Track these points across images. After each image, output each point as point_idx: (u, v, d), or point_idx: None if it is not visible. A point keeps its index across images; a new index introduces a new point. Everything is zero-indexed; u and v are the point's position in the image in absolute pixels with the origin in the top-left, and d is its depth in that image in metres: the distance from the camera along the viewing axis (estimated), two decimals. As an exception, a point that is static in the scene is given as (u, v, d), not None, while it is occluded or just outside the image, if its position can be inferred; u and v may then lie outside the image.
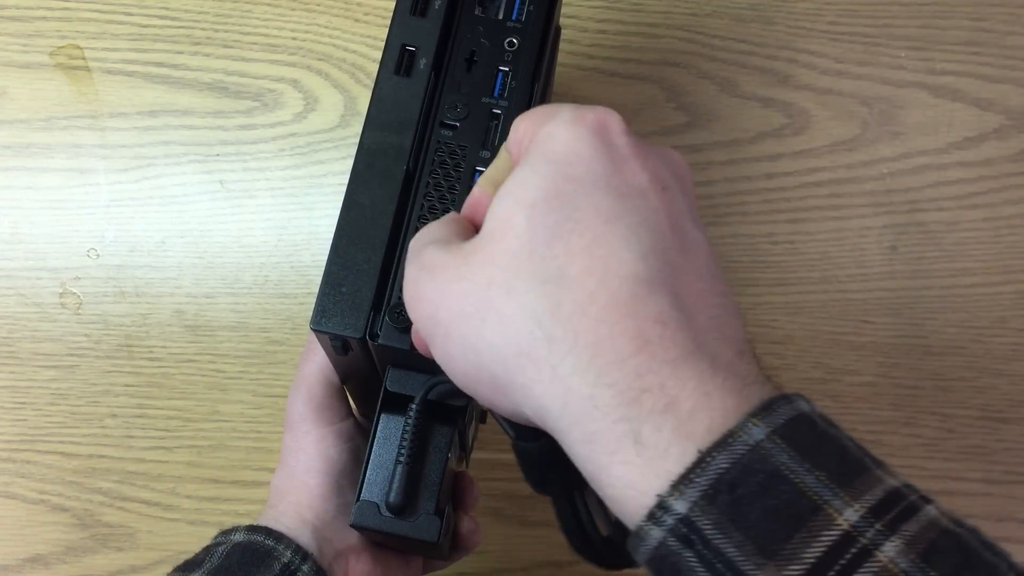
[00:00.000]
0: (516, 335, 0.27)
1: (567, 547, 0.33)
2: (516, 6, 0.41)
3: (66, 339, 0.62)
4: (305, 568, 0.41)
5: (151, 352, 0.62)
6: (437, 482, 0.39)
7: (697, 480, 0.24)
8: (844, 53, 0.63)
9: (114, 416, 0.62)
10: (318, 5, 0.63)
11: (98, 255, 0.62)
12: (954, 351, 0.63)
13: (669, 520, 0.24)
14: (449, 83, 0.40)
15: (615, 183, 0.28)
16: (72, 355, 0.62)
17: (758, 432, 0.24)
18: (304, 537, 0.42)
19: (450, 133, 0.40)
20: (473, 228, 0.32)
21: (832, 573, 0.22)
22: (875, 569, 0.22)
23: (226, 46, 0.63)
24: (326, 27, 0.62)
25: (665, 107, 0.63)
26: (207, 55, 0.62)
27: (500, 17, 0.41)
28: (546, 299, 0.26)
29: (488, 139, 0.39)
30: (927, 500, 0.25)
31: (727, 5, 0.63)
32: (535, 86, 0.40)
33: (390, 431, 0.40)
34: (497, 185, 0.29)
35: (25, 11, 0.63)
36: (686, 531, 0.24)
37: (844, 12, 0.63)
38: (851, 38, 0.63)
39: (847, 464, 0.24)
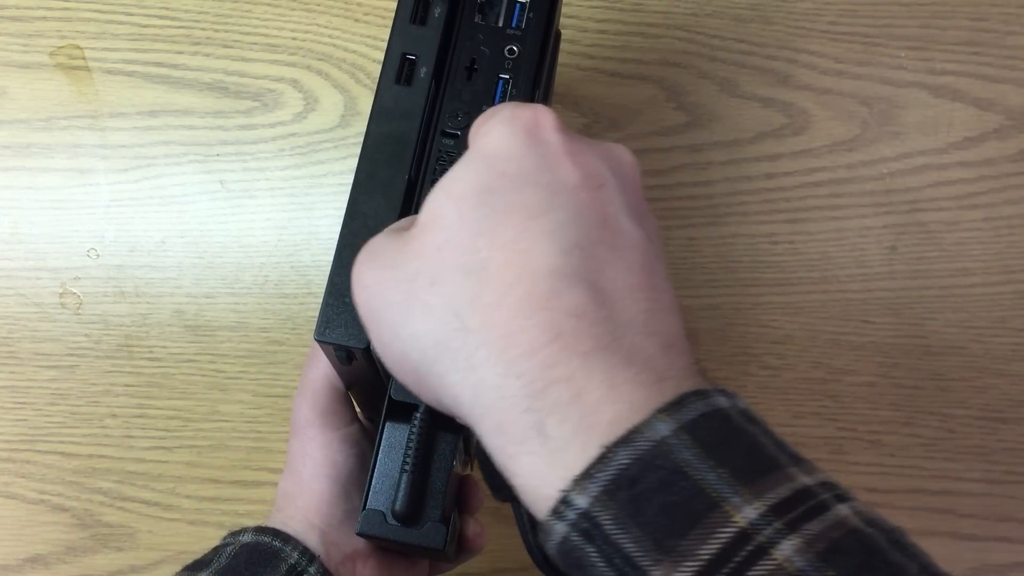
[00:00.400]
0: (436, 325, 0.27)
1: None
2: (516, 13, 0.41)
3: (66, 339, 0.62)
4: (312, 570, 0.41)
5: (151, 352, 0.62)
6: (442, 489, 0.39)
7: (598, 476, 0.24)
8: (844, 53, 0.63)
9: (114, 416, 0.62)
10: (318, 5, 0.63)
11: (98, 255, 0.62)
12: (954, 351, 0.63)
13: (571, 515, 0.24)
14: (450, 91, 0.40)
15: (545, 180, 0.28)
16: (72, 355, 0.62)
17: (664, 428, 0.24)
18: (311, 540, 0.42)
19: (451, 142, 0.40)
20: None
21: (727, 570, 0.22)
22: (770, 567, 0.22)
23: (226, 46, 0.63)
24: (326, 27, 0.62)
25: (665, 107, 0.63)
26: (207, 55, 0.62)
27: (500, 24, 0.41)
28: (467, 290, 0.27)
29: None
30: (843, 499, 0.24)
31: (727, 5, 0.63)
32: (536, 93, 0.40)
33: (395, 439, 0.40)
34: None
35: (25, 11, 0.63)
36: (587, 526, 0.24)
37: (844, 12, 0.63)
38: (851, 38, 0.63)
39: (755, 461, 0.24)
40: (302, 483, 0.44)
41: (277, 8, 0.63)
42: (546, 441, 0.25)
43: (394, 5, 0.42)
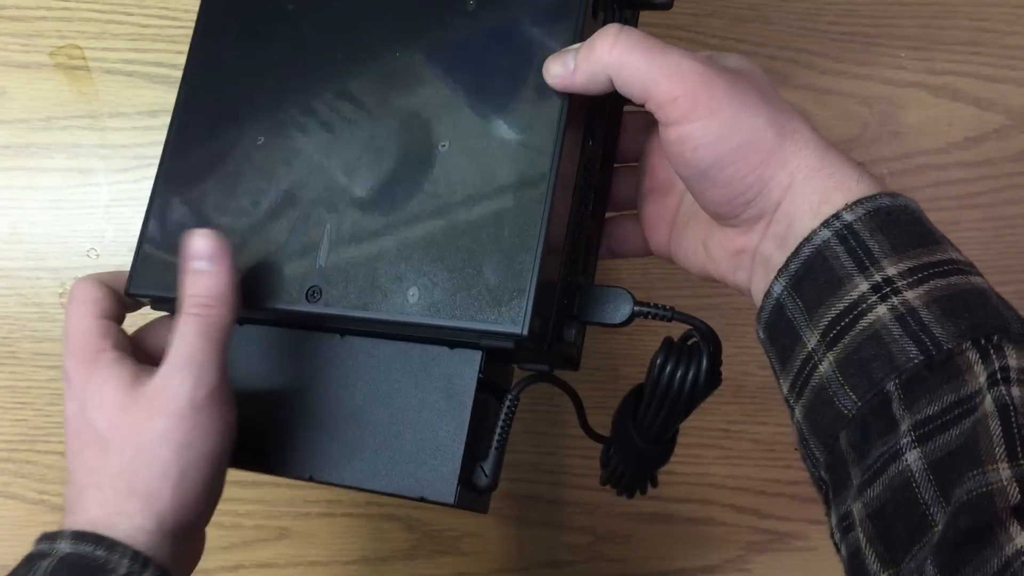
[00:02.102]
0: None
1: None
2: None
3: (66, 339, 0.62)
4: None
5: (151, 352, 0.62)
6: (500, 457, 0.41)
7: (865, 203, 0.35)
8: (844, 53, 0.63)
9: (114, 416, 0.62)
10: (318, 5, 0.63)
11: (98, 255, 0.62)
12: (954, 351, 0.63)
13: (836, 223, 0.35)
14: None
15: None
16: (72, 355, 0.62)
17: (905, 199, 0.36)
18: (143, 534, 0.38)
19: None
20: None
21: (928, 273, 0.34)
22: (958, 279, 0.34)
23: (226, 46, 0.63)
24: (326, 27, 0.63)
25: (665, 107, 0.63)
26: (207, 55, 0.62)
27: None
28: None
29: None
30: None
31: (727, 5, 0.63)
32: None
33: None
34: None
35: (25, 11, 0.63)
36: (846, 233, 0.35)
37: (844, 12, 0.63)
38: (851, 38, 0.63)
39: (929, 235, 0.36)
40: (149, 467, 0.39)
41: (277, 8, 0.63)
42: (844, 180, 0.36)
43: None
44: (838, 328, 0.34)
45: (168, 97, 0.62)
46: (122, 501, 0.38)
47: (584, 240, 0.42)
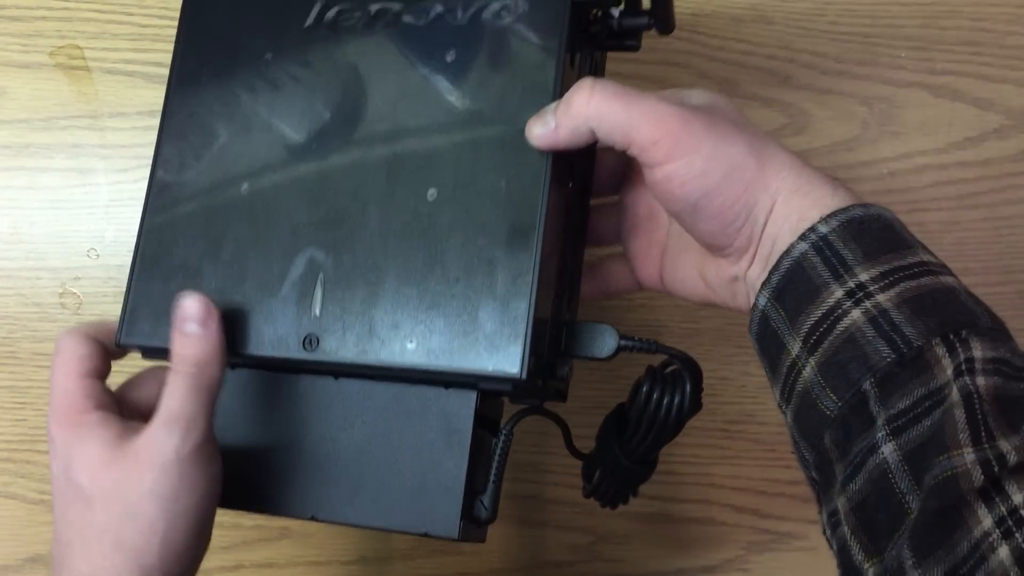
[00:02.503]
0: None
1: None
2: None
3: (66, 339, 0.62)
4: None
5: (151, 352, 0.62)
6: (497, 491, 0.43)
7: (840, 215, 0.37)
8: (844, 53, 0.63)
9: (114, 416, 0.62)
10: (318, 5, 0.63)
11: (98, 255, 0.62)
12: (954, 351, 0.63)
13: (813, 236, 0.37)
14: None
15: None
16: (72, 355, 0.62)
17: (878, 209, 0.38)
18: None
19: None
20: None
21: (901, 276, 0.35)
22: (929, 280, 0.36)
23: (226, 46, 0.63)
24: (326, 27, 0.62)
25: (665, 107, 0.63)
26: (207, 55, 0.62)
27: None
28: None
29: None
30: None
31: (727, 5, 0.63)
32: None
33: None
34: None
35: (25, 11, 0.63)
36: (822, 244, 0.36)
37: (844, 12, 0.63)
38: (851, 38, 0.63)
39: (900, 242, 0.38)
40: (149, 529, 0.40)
41: (277, 8, 0.63)
42: (820, 197, 0.38)
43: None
44: (817, 334, 0.36)
45: (168, 97, 0.63)
46: (109, 556, 0.39)
47: (568, 277, 0.44)
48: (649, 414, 0.44)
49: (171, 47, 0.62)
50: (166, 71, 0.63)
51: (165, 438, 0.39)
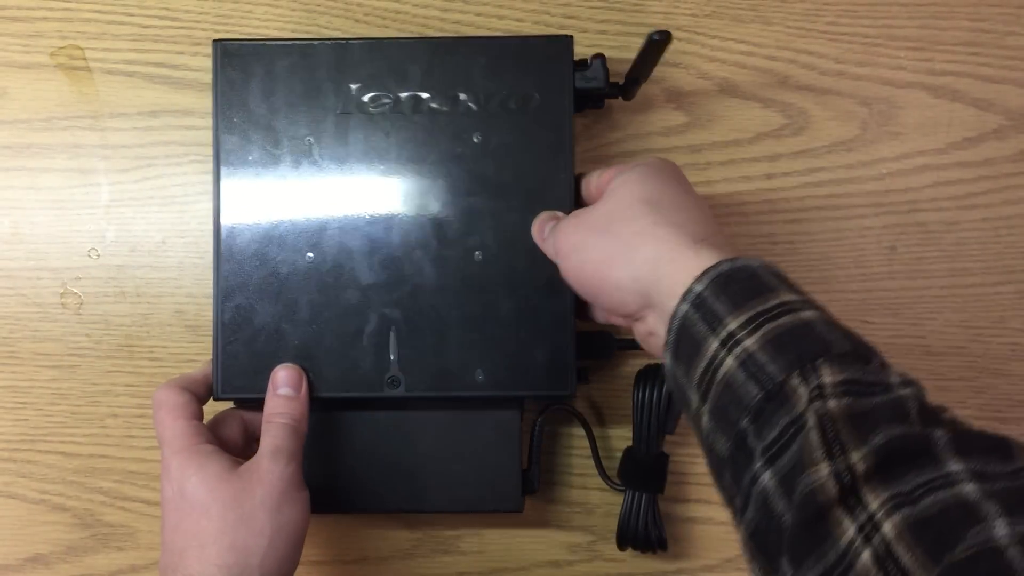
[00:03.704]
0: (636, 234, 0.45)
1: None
2: None
3: (67, 339, 0.62)
4: None
5: (152, 352, 0.62)
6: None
7: (710, 272, 0.41)
8: (844, 53, 0.63)
9: (115, 416, 0.62)
10: (318, 6, 0.63)
11: (99, 255, 0.62)
12: (954, 351, 0.63)
13: (691, 296, 0.41)
14: None
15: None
16: (73, 355, 0.62)
17: (744, 261, 0.41)
18: None
19: None
20: None
21: (767, 317, 0.39)
22: (792, 319, 0.39)
23: (226, 46, 0.63)
24: (326, 27, 0.63)
25: (665, 107, 0.63)
26: (207, 55, 0.62)
27: None
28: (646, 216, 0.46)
29: None
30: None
31: (727, 5, 0.63)
32: None
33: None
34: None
35: (26, 11, 0.63)
36: (699, 301, 0.41)
37: (844, 12, 0.63)
38: (851, 38, 0.63)
39: (788, 282, 0.42)
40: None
41: (277, 9, 0.63)
42: (692, 260, 0.42)
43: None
44: (704, 383, 0.40)
45: (169, 97, 0.63)
46: (223, 555, 0.47)
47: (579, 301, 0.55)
48: (644, 406, 0.56)
49: (172, 47, 0.63)
50: (166, 71, 0.63)
51: (271, 464, 0.49)
